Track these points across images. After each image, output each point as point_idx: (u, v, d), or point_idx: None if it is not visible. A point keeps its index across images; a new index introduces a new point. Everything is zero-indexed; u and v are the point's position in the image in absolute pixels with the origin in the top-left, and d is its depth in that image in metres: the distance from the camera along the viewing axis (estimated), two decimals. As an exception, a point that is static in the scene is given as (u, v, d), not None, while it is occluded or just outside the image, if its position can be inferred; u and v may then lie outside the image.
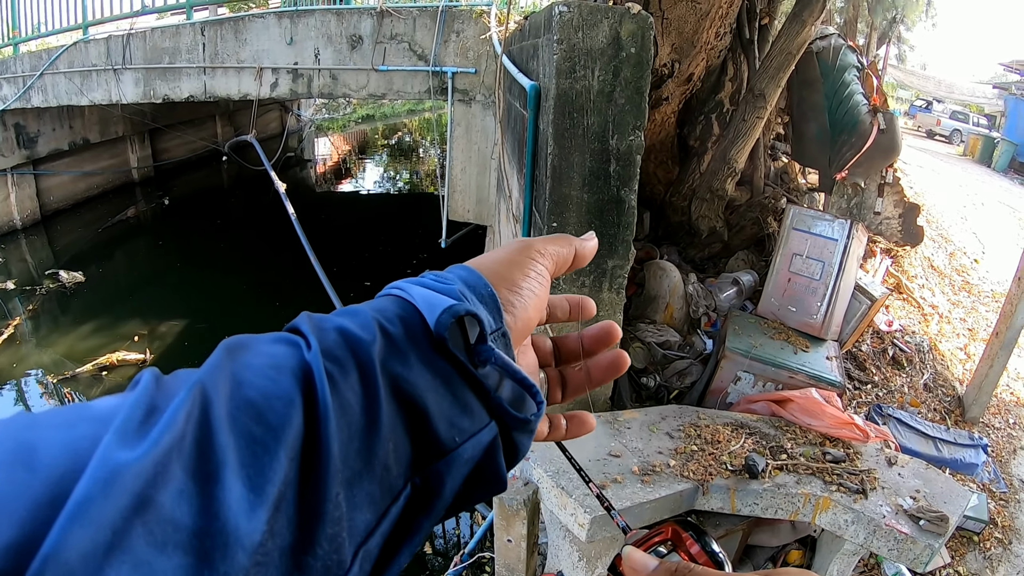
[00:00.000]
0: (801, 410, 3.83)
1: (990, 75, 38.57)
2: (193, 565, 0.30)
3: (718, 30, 5.41)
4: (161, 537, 0.30)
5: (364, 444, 0.40)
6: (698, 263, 6.34)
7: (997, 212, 13.10)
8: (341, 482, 0.37)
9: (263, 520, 0.33)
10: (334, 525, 0.36)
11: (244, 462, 0.34)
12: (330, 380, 0.40)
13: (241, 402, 0.37)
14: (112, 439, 0.32)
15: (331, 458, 0.37)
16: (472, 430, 0.46)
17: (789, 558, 3.89)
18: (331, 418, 0.38)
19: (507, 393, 0.49)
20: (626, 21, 3.26)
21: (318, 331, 0.43)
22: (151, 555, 0.29)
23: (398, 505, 0.41)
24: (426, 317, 0.47)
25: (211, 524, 0.32)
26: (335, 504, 0.37)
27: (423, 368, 0.45)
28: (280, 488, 0.34)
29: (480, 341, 0.48)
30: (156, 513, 0.30)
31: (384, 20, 7.98)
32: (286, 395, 0.38)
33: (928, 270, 7.69)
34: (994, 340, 5.43)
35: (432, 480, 0.44)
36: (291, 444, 0.36)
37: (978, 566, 4.19)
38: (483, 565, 4.50)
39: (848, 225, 4.89)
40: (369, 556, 0.39)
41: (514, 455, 0.51)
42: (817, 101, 6.69)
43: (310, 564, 0.35)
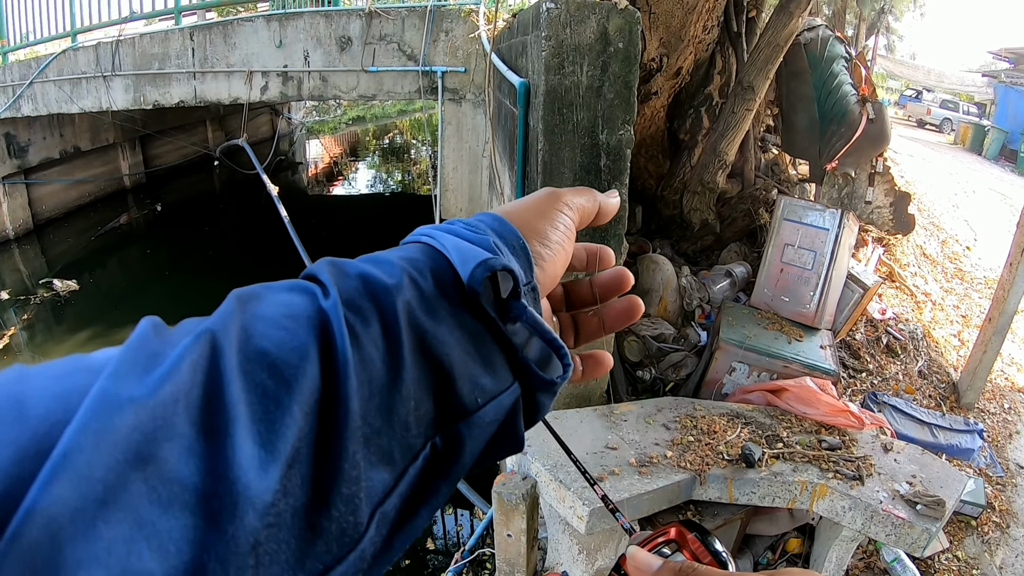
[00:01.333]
0: (796, 399, 3.85)
1: (979, 63, 38.77)
2: (199, 526, 0.29)
3: (706, 23, 5.42)
4: (166, 496, 0.29)
5: (385, 400, 0.38)
6: (691, 256, 6.35)
7: (988, 199, 13.14)
8: (359, 440, 0.36)
9: (275, 479, 0.31)
10: (351, 485, 0.35)
11: (256, 417, 0.32)
12: (350, 331, 0.38)
13: (253, 353, 0.35)
14: (105, 384, 0.31)
15: (350, 414, 0.35)
16: (495, 391, 0.44)
17: (788, 546, 3.91)
18: (351, 372, 0.36)
19: (534, 353, 0.47)
20: (613, 16, 3.27)
21: (339, 278, 0.41)
22: (154, 514, 0.28)
23: (416, 466, 0.39)
24: (458, 269, 0.45)
25: (219, 484, 0.30)
26: (352, 463, 0.35)
27: (451, 324, 0.43)
28: (294, 445, 0.33)
29: (513, 297, 0.46)
30: (160, 470, 0.29)
31: (373, 21, 7.98)
32: (301, 346, 0.36)
33: (920, 258, 7.71)
34: (987, 326, 5.45)
35: (453, 442, 0.42)
36: (306, 398, 0.34)
37: (976, 550, 4.21)
38: (484, 562, 4.51)
39: (839, 215, 4.92)
40: (386, 518, 0.38)
41: (534, 415, 0.50)
42: (806, 92, 6.71)
43: (324, 526, 0.33)
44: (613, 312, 0.62)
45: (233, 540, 0.29)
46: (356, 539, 0.35)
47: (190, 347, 0.33)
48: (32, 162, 10.91)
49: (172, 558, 0.28)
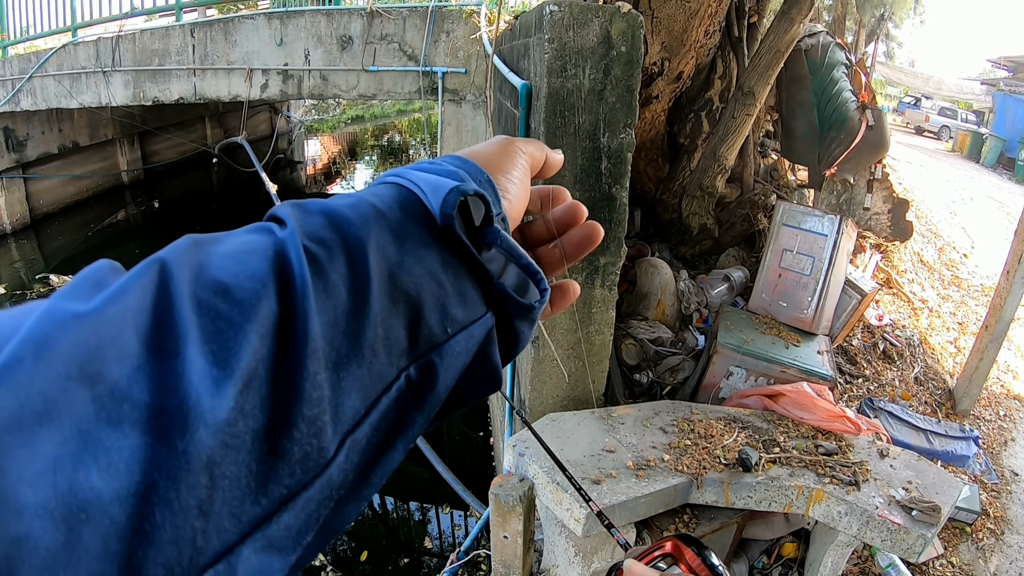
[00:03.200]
0: (793, 404, 3.85)
1: (978, 71, 38.83)
2: (150, 444, 0.28)
3: (707, 28, 5.43)
4: (115, 413, 0.28)
5: (351, 327, 0.37)
6: (689, 260, 6.36)
7: (986, 207, 13.17)
8: (325, 364, 0.35)
9: (230, 396, 0.30)
10: (313, 406, 0.34)
11: (208, 337, 0.31)
12: (313, 261, 0.37)
13: (206, 281, 0.34)
14: (51, 303, 0.30)
15: (310, 336, 0.34)
16: (465, 321, 0.44)
17: (783, 551, 3.91)
18: (310, 296, 0.35)
19: (511, 280, 0.47)
20: (616, 20, 3.28)
21: (301, 215, 0.40)
22: (103, 432, 0.27)
23: (389, 396, 0.39)
24: (430, 199, 0.44)
25: (170, 401, 0.29)
26: (314, 383, 0.34)
27: (420, 253, 0.43)
28: (250, 364, 0.32)
29: (486, 223, 0.46)
30: (108, 387, 0.28)
31: (374, 20, 7.98)
32: (257, 273, 0.35)
33: (918, 265, 7.73)
34: (984, 333, 5.47)
35: (425, 372, 0.41)
36: (262, 321, 0.33)
37: (971, 556, 4.22)
38: (479, 563, 4.51)
39: (838, 221, 4.93)
40: (357, 446, 0.37)
41: (514, 345, 0.49)
42: (806, 98, 6.72)
43: (286, 448, 0.32)
44: (573, 241, 0.61)
45: (185, 457, 0.28)
46: (323, 464, 0.34)
47: (140, 271, 0.33)
48: (30, 157, 10.91)
49: (122, 476, 0.27)
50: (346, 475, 0.36)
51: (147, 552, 0.27)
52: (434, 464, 5.55)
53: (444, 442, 6.61)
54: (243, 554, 0.31)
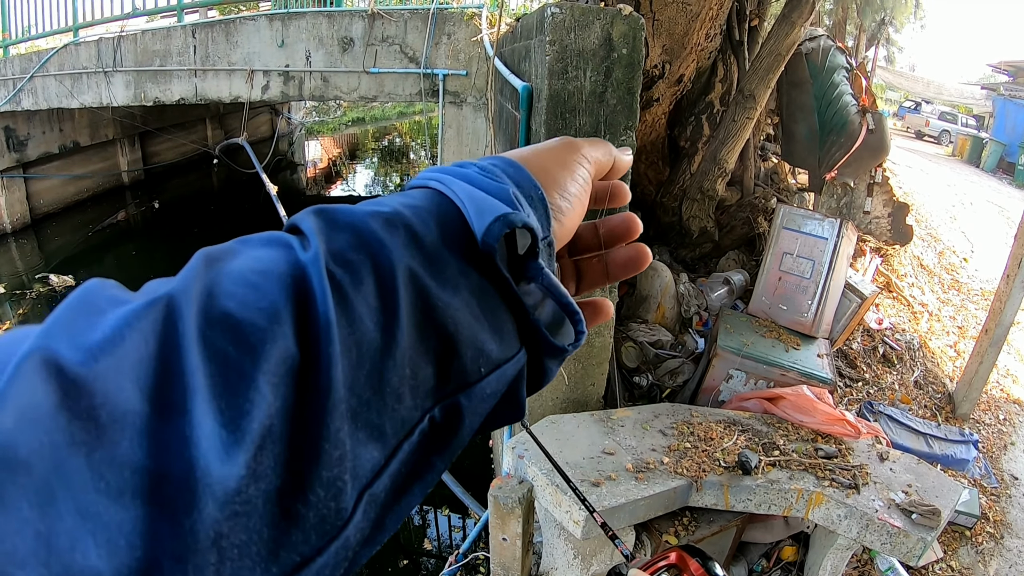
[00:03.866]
0: (793, 407, 3.85)
1: (978, 76, 38.90)
2: (153, 518, 0.25)
3: (708, 32, 5.43)
4: (115, 484, 0.25)
5: (376, 368, 0.33)
6: (689, 263, 6.36)
7: (986, 211, 13.18)
8: (344, 414, 0.31)
9: (241, 464, 0.27)
10: (333, 467, 0.30)
11: (217, 392, 0.28)
12: (337, 289, 0.33)
13: (216, 315, 0.30)
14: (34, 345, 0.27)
15: (332, 384, 0.31)
16: (500, 360, 0.39)
17: (783, 554, 3.91)
18: (333, 334, 0.31)
19: (546, 316, 0.43)
20: (617, 22, 3.28)
21: (325, 229, 0.36)
22: (101, 504, 0.25)
23: (411, 441, 0.35)
24: (472, 222, 0.40)
25: (175, 467, 0.26)
26: (335, 442, 0.31)
27: (457, 282, 0.38)
28: (263, 423, 0.28)
29: (530, 256, 0.42)
30: (107, 453, 0.25)
31: (375, 22, 7.98)
32: (270, 306, 0.31)
33: (918, 269, 7.74)
34: (983, 337, 5.47)
35: (450, 414, 0.37)
36: (274, 367, 0.30)
37: (970, 560, 4.22)
38: (478, 566, 4.50)
39: (838, 224, 4.93)
40: (375, 500, 0.33)
41: (540, 380, 0.45)
42: (806, 102, 6.73)
43: (301, 513, 0.29)
44: (619, 260, 0.56)
45: (192, 535, 0.26)
46: (339, 527, 0.31)
47: (143, 309, 0.30)
48: (31, 156, 10.90)
49: (122, 554, 0.24)
50: (363, 533, 0.33)
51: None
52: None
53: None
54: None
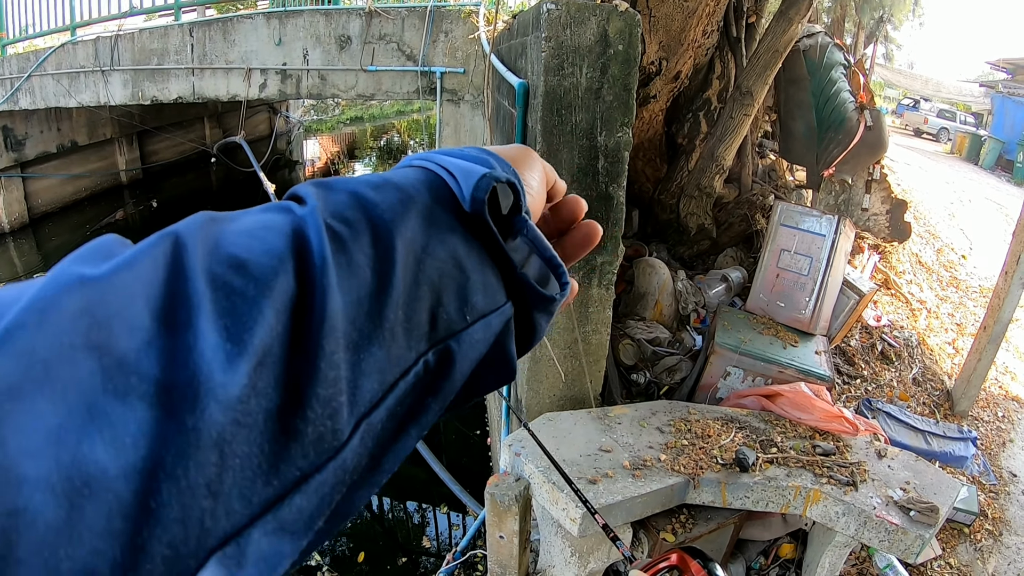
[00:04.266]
0: (791, 404, 3.85)
1: (977, 74, 38.86)
2: (158, 419, 0.27)
3: (705, 28, 5.43)
4: (123, 386, 0.27)
5: (374, 307, 0.36)
6: (687, 260, 6.36)
7: (984, 208, 13.19)
8: (344, 344, 0.34)
9: (243, 373, 0.29)
10: (328, 386, 0.33)
11: (222, 311, 0.30)
12: (336, 238, 0.36)
13: (221, 255, 0.33)
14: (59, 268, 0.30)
15: (327, 314, 0.33)
16: (485, 309, 0.43)
17: (781, 551, 3.91)
18: (329, 273, 0.34)
19: (533, 271, 0.47)
20: (614, 19, 3.27)
21: (324, 193, 0.39)
22: (109, 404, 0.26)
23: (407, 380, 0.38)
24: (460, 184, 0.43)
25: (180, 375, 0.28)
26: (330, 363, 0.33)
27: (445, 237, 0.42)
28: (265, 341, 0.31)
29: (515, 211, 0.46)
30: (117, 359, 0.27)
31: (372, 20, 7.97)
32: (274, 250, 0.34)
33: (916, 266, 7.73)
34: (982, 334, 5.47)
35: (443, 358, 0.40)
36: (278, 297, 0.32)
37: (969, 558, 4.22)
38: (476, 563, 4.50)
39: (835, 221, 4.92)
40: (372, 430, 0.36)
41: (531, 336, 0.49)
42: (804, 99, 6.72)
43: (300, 428, 0.31)
44: (573, 240, 0.60)
45: (194, 433, 0.28)
46: (336, 447, 0.33)
47: (153, 242, 0.32)
48: (29, 156, 10.90)
49: (128, 452, 0.26)
50: (360, 459, 0.35)
51: (152, 531, 0.26)
52: (431, 464, 5.54)
53: (441, 442, 6.61)
54: (253, 536, 0.30)
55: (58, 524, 0.24)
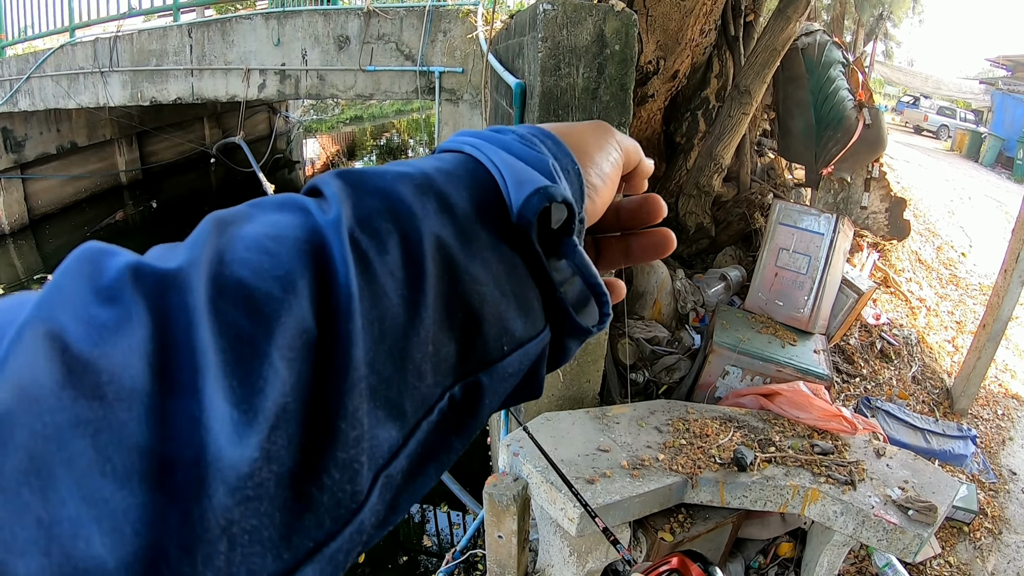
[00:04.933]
0: (789, 403, 3.85)
1: (977, 71, 38.80)
2: (161, 503, 0.24)
3: (703, 27, 5.42)
4: (122, 467, 0.24)
5: (399, 344, 0.32)
6: (685, 259, 6.35)
7: (984, 206, 13.17)
8: (363, 392, 0.29)
9: (254, 446, 0.26)
10: (349, 448, 0.29)
11: (229, 368, 0.26)
12: (360, 258, 0.31)
13: (228, 284, 0.28)
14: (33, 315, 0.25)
15: (352, 361, 0.29)
16: (524, 338, 0.38)
17: (780, 550, 3.91)
18: (355, 307, 0.30)
19: (573, 294, 0.41)
20: (610, 19, 3.27)
21: (351, 192, 0.34)
22: (107, 489, 0.23)
23: (430, 420, 0.33)
24: (510, 192, 0.38)
25: (185, 452, 0.25)
26: (352, 422, 0.29)
27: (487, 256, 0.37)
28: (278, 401, 0.27)
29: (565, 232, 0.40)
30: (113, 435, 0.24)
31: (371, 20, 7.97)
32: (286, 275, 0.29)
33: (915, 264, 7.73)
34: (981, 332, 5.47)
35: (471, 393, 0.36)
36: (290, 342, 0.28)
37: (968, 556, 4.22)
38: (476, 563, 4.50)
39: (834, 219, 4.92)
40: (392, 483, 0.32)
41: (558, 359, 0.44)
42: (803, 97, 6.72)
43: (315, 497, 0.28)
44: (644, 242, 0.54)
45: (201, 523, 0.24)
46: (354, 510, 0.30)
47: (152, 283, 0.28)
48: (28, 157, 10.89)
49: (128, 543, 0.23)
50: (378, 516, 0.32)
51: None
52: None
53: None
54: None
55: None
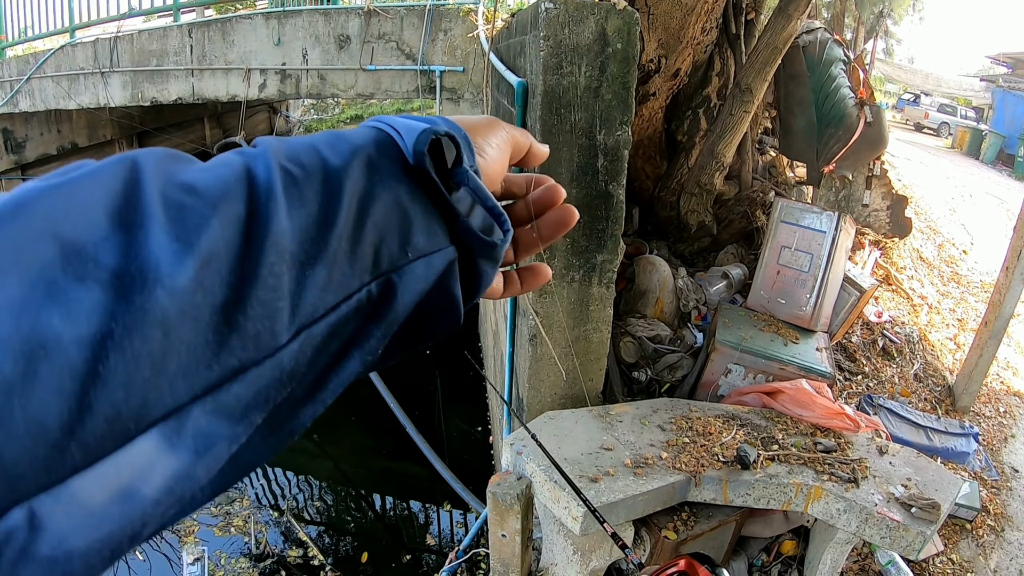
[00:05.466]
0: (792, 401, 3.85)
1: (977, 68, 38.80)
2: (111, 299, 0.31)
3: (704, 25, 5.42)
4: (81, 272, 0.31)
5: (320, 235, 0.40)
6: (687, 257, 6.35)
7: (985, 203, 13.16)
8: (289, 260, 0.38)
9: (189, 267, 0.33)
10: (269, 291, 0.37)
11: (172, 220, 0.34)
12: (288, 175, 0.40)
13: (175, 182, 0.37)
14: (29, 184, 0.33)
15: (271, 231, 0.37)
16: (427, 250, 0.47)
17: (783, 548, 3.91)
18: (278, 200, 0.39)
19: (477, 221, 0.50)
20: (612, 17, 3.27)
21: (279, 143, 0.43)
22: (68, 284, 0.30)
23: (349, 304, 0.42)
24: (405, 138, 0.47)
25: (131, 265, 0.32)
26: (272, 272, 0.37)
27: (391, 184, 0.46)
28: (211, 246, 0.35)
29: (457, 164, 0.49)
30: (77, 249, 0.31)
31: (372, 19, 7.96)
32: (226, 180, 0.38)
33: (917, 261, 7.72)
34: (983, 329, 5.47)
35: (385, 289, 0.44)
36: (226, 214, 0.36)
37: (971, 553, 4.22)
38: (479, 562, 4.51)
39: (836, 217, 4.92)
40: (312, 340, 0.39)
41: (476, 284, 0.52)
42: (804, 95, 6.71)
43: (240, 323, 0.35)
44: (548, 223, 0.64)
45: (141, 311, 0.31)
46: (274, 347, 0.37)
47: (113, 162, 0.36)
48: (29, 158, 10.87)
49: (81, 324, 0.30)
50: (298, 364, 0.39)
51: (98, 393, 0.30)
52: (433, 463, 5.55)
53: (443, 440, 6.61)
54: (193, 414, 0.33)
55: (13, 378, 0.28)
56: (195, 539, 5.52)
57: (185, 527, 5.58)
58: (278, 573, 5.21)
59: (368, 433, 7.13)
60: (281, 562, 5.29)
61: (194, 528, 5.59)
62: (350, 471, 6.76)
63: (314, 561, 5.30)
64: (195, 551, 5.35)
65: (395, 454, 6.57)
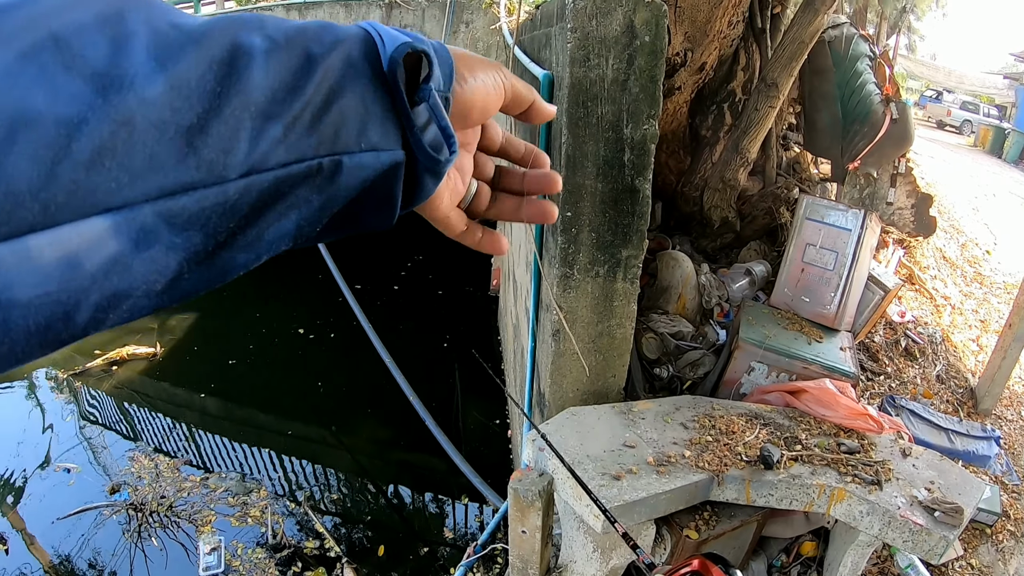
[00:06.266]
0: (815, 401, 3.81)
1: (1000, 65, 38.33)
2: (91, 92, 0.34)
3: (731, 19, 5.37)
4: (70, 63, 0.34)
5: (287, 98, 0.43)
6: (710, 253, 6.32)
7: (1009, 203, 13.02)
8: (253, 108, 0.41)
9: (160, 83, 0.37)
10: (229, 127, 0.40)
11: (155, 44, 0.38)
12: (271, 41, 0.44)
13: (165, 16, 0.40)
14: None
15: (244, 78, 0.41)
16: (378, 145, 0.50)
17: (802, 549, 3.89)
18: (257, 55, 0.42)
19: (429, 137, 0.53)
20: (640, 9, 3.24)
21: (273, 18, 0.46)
22: (57, 71, 0.33)
23: (299, 167, 0.45)
24: (387, 45, 0.50)
25: (112, 70, 0.35)
26: (235, 113, 0.40)
27: (361, 81, 0.49)
28: (183, 74, 0.38)
29: (425, 81, 0.52)
30: (70, 46, 0.34)
31: (393, 12, 7.95)
32: (213, 25, 0.41)
33: (940, 261, 7.64)
34: (1007, 332, 5.40)
35: (334, 167, 0.47)
36: (204, 52, 0.40)
37: (991, 559, 4.18)
38: (495, 557, 4.51)
39: (862, 215, 4.86)
40: (259, 185, 0.43)
41: (416, 192, 0.56)
42: (829, 90, 6.65)
43: (199, 147, 0.39)
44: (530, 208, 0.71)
45: (114, 108, 0.35)
46: (225, 177, 0.40)
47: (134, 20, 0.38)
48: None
49: (61, 105, 0.33)
50: (241, 200, 0.42)
51: (65, 167, 0.33)
52: (451, 455, 5.55)
53: (461, 432, 6.62)
54: (143, 211, 0.37)
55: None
56: (212, 529, 5.56)
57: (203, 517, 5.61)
58: (294, 563, 5.24)
59: (385, 425, 7.15)
60: (297, 553, 5.32)
61: (211, 518, 5.62)
62: (367, 463, 6.78)
63: (331, 552, 5.33)
64: (212, 541, 5.39)
65: (412, 446, 6.59)
